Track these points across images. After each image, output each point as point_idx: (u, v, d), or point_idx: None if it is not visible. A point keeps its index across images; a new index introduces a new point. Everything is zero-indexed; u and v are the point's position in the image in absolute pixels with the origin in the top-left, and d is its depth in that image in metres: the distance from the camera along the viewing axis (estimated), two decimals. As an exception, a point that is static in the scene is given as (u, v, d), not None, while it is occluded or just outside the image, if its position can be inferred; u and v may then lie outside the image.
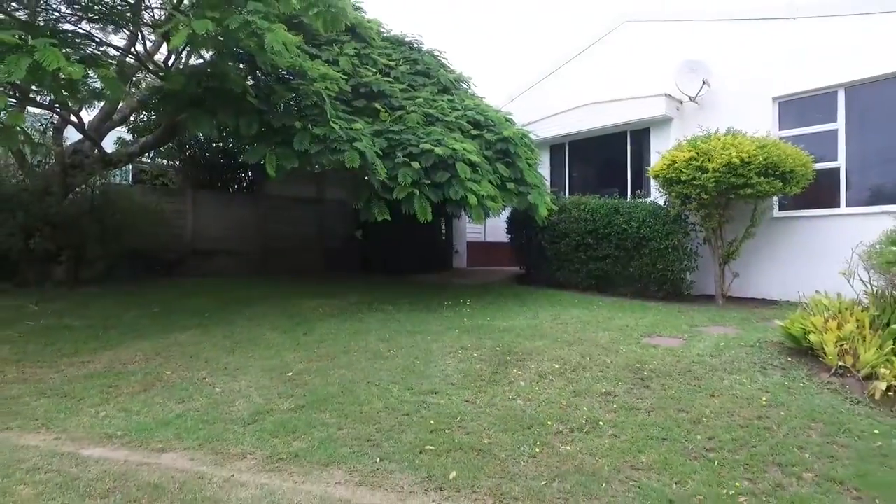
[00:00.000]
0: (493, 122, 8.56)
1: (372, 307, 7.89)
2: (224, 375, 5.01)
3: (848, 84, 8.15)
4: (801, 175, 7.79)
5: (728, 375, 4.74)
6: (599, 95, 10.79)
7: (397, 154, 7.14)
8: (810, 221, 8.45)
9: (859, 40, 8.01)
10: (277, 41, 5.44)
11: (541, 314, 7.32)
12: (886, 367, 4.26)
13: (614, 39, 11.39)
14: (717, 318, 7.20)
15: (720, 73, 9.47)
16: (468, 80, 10.44)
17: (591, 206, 9.37)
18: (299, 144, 6.35)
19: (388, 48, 9.43)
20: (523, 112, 11.95)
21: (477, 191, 7.16)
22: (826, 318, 5.10)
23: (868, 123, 8.09)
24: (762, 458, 3.38)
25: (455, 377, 4.83)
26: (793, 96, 8.76)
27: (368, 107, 7.80)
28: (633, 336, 6.05)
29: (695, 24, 10.04)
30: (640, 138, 10.30)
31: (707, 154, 7.69)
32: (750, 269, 8.82)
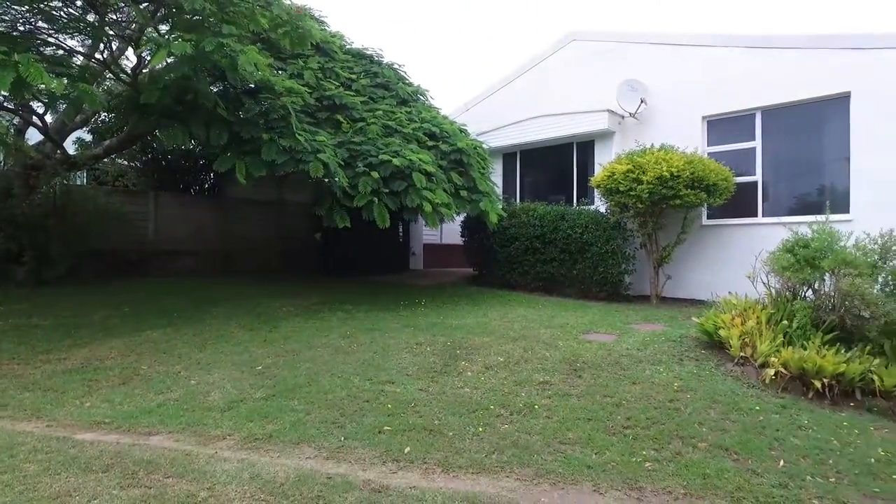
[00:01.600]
0: (447, 133, 9.15)
1: (333, 306, 8.36)
2: (198, 369, 5.43)
3: (764, 108, 9.11)
4: (724, 188, 8.68)
5: (650, 366, 5.43)
6: (549, 107, 11.52)
7: (358, 164, 7.64)
8: (733, 229, 9.36)
9: (772, 70, 8.98)
10: (249, 63, 5.87)
11: (490, 313, 7.95)
12: (775, 357, 5.03)
13: (563, 55, 12.15)
14: (649, 316, 7.97)
15: (657, 91, 10.33)
16: (425, 92, 10.99)
17: (540, 213, 10.08)
18: (267, 155, 6.78)
19: (350, 62, 9.89)
20: (478, 121, 12.62)
21: (432, 199, 7.73)
22: (733, 316, 5.89)
23: (779, 143, 9.07)
24: (668, 433, 4.04)
25: (410, 369, 5.39)
26: (718, 116, 9.69)
27: (331, 118, 8.26)
28: (572, 333, 6.72)
29: (635, 46, 10.87)
30: (586, 150, 11.09)
31: (642, 167, 8.47)
32: (681, 271, 9.67)
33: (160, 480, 3.28)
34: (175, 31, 6.76)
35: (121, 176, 13.18)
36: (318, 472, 3.40)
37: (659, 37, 10.60)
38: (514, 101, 12.70)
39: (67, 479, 3.27)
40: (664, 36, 10.54)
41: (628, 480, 3.38)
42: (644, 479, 3.39)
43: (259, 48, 7.20)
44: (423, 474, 3.45)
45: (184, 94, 6.67)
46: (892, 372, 4.64)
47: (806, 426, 4.16)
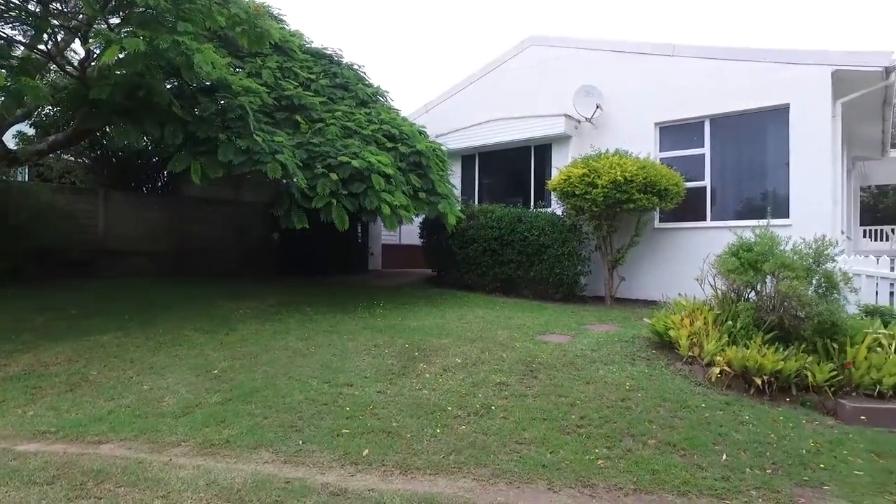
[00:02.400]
0: (407, 135, 9.17)
1: (290, 308, 8.27)
2: (151, 374, 5.30)
3: (712, 116, 9.50)
4: (675, 193, 8.99)
5: (603, 366, 5.60)
6: (508, 110, 11.70)
7: (317, 165, 7.58)
8: (684, 232, 9.71)
9: (720, 80, 9.38)
10: (206, 62, 5.75)
11: (448, 314, 8.02)
12: (720, 356, 5.26)
13: (522, 59, 12.34)
14: (604, 317, 8.18)
15: (612, 97, 10.61)
16: (385, 93, 10.98)
17: (498, 215, 10.22)
18: (223, 156, 6.65)
19: (309, 61, 9.79)
20: (438, 123, 12.69)
21: (391, 201, 7.75)
22: (682, 317, 6.12)
23: (727, 150, 9.47)
24: (620, 431, 4.18)
25: (368, 371, 5.40)
26: (670, 123, 10.04)
27: (290, 119, 8.17)
28: (529, 334, 6.86)
29: (592, 53, 11.14)
30: (543, 153, 11.29)
31: (597, 171, 8.70)
32: (635, 273, 9.97)
33: (111, 490, 3.20)
34: (127, 25, 6.56)
35: (67, 173, 12.67)
36: (276, 477, 3.39)
37: (614, 45, 10.90)
38: (473, 103, 12.82)
39: (7, 493, 3.15)
40: (619, 44, 10.85)
41: (581, 478, 3.49)
42: (597, 477, 3.51)
43: (216, 46, 7.06)
44: (381, 476, 3.48)
45: (136, 90, 6.48)
46: (822, 368, 4.93)
47: (747, 421, 4.38)
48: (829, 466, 3.71)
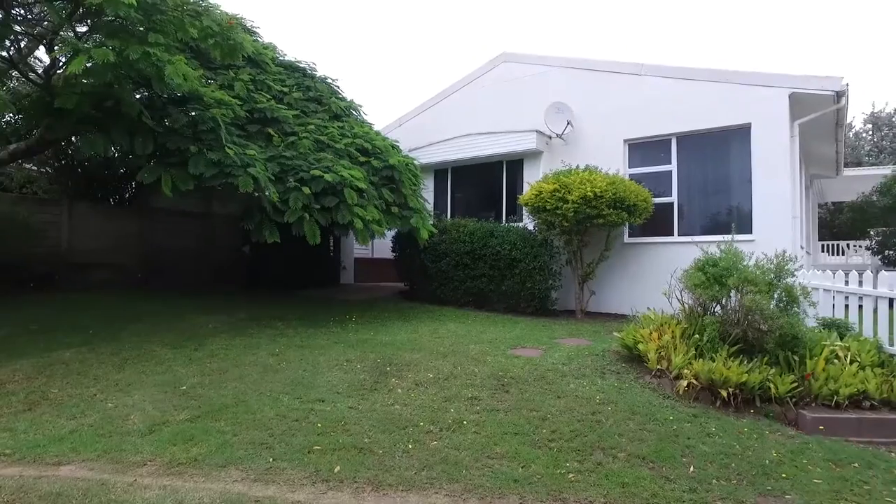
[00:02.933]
0: (380, 150, 9.19)
1: (262, 322, 8.16)
2: (116, 391, 5.16)
3: (679, 134, 9.77)
4: (643, 208, 9.19)
5: (574, 380, 5.66)
6: (481, 126, 11.83)
7: (289, 179, 7.54)
8: (652, 247, 9.91)
9: (686, 99, 9.67)
10: (177, 73, 5.69)
11: (420, 328, 8.01)
12: (688, 369, 5.38)
13: (494, 75, 12.52)
14: (575, 331, 8.28)
15: (582, 114, 10.83)
16: (359, 107, 11.00)
17: (470, 229, 10.28)
18: (194, 168, 6.57)
19: (283, 74, 9.77)
20: (411, 137, 12.75)
21: (363, 215, 7.74)
22: (651, 331, 6.24)
23: (693, 167, 9.74)
24: (591, 444, 4.23)
25: (340, 387, 5.36)
26: (638, 140, 10.28)
27: (262, 132, 8.11)
28: (501, 348, 6.90)
29: (563, 70, 11.37)
30: (515, 168, 11.44)
31: (568, 187, 8.84)
32: (605, 287, 10.12)
33: (72, 513, 3.11)
34: (96, 34, 6.45)
35: (29, 183, 12.32)
36: (246, 496, 3.33)
37: (585, 63, 11.14)
38: (446, 118, 12.93)
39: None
40: (589, 62, 11.09)
41: (553, 492, 3.52)
42: (567, 491, 3.54)
43: (188, 57, 6.99)
44: (353, 494, 3.45)
45: (104, 100, 6.35)
46: (784, 380, 5.08)
47: (713, 433, 4.47)
48: (790, 476, 3.82)
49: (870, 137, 28.35)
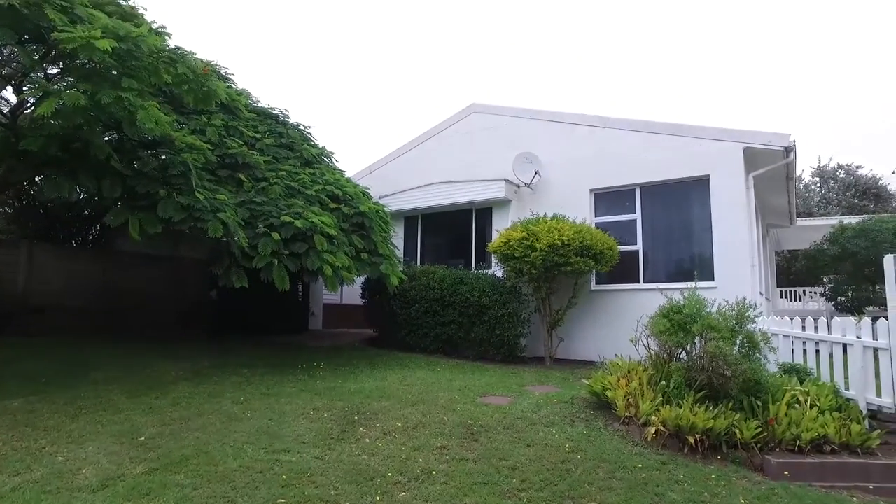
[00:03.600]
0: (350, 196, 9.26)
1: (227, 369, 7.95)
2: (68, 443, 4.91)
3: (642, 184, 10.13)
4: (609, 256, 9.40)
5: (543, 428, 5.64)
6: (451, 174, 12.05)
7: (259, 224, 7.52)
8: (619, 294, 10.09)
9: (649, 151, 10.08)
10: (150, 118, 5.69)
11: (389, 376, 7.91)
12: (655, 416, 5.41)
13: (464, 125, 12.86)
14: (543, 378, 8.28)
15: (550, 164, 11.15)
16: (330, 154, 11.12)
17: (439, 276, 10.33)
18: (163, 211, 6.50)
19: (255, 120, 9.85)
20: (382, 184, 12.90)
21: (333, 262, 7.73)
22: (618, 377, 6.30)
23: (657, 216, 10.07)
24: (561, 494, 4.19)
25: (307, 436, 5.22)
26: (604, 189, 10.61)
27: (233, 177, 8.12)
28: (470, 396, 6.84)
29: (530, 122, 11.76)
30: (484, 216, 11.63)
31: (536, 235, 9.01)
32: (573, 334, 10.20)
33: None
34: (67, 76, 6.43)
35: (-17, 223, 11.96)
36: (204, 553, 3.18)
37: (552, 115, 11.56)
38: (417, 165, 13.15)
39: None
40: (556, 115, 11.51)
41: (523, 543, 3.46)
42: (537, 541, 3.48)
43: (161, 101, 7.01)
44: (317, 549, 3.33)
45: (72, 142, 6.28)
46: (749, 426, 5.16)
47: (682, 480, 4.49)
48: (758, 523, 3.84)
49: (818, 189, 29.79)
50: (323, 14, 49.90)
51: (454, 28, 49.83)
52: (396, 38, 54.42)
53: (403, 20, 51.83)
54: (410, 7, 50.71)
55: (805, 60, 51.16)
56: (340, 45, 54.55)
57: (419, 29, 51.37)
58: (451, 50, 55.81)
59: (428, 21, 50.69)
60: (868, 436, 5.28)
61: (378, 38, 53.54)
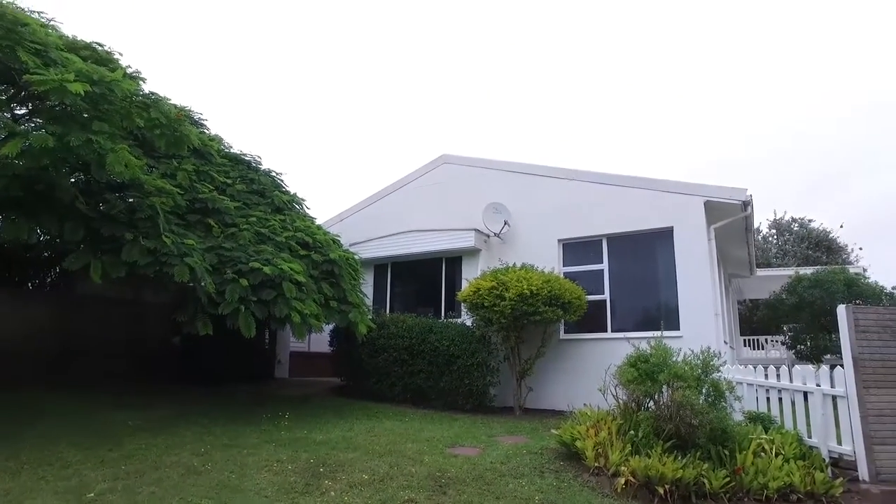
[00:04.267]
0: (321, 243, 9.25)
1: (188, 419, 7.64)
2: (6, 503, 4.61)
3: (609, 235, 10.39)
4: (578, 305, 9.51)
5: (513, 480, 5.54)
6: (421, 223, 12.17)
7: (227, 270, 7.41)
8: (587, 343, 10.17)
9: (615, 203, 10.38)
10: (119, 162, 5.63)
11: (356, 426, 7.73)
12: (625, 466, 5.39)
13: (435, 175, 13.08)
14: (513, 428, 8.19)
15: (519, 214, 11.37)
16: (301, 201, 11.13)
17: (409, 324, 10.27)
18: (128, 255, 6.35)
19: (227, 166, 9.84)
20: (352, 232, 12.92)
21: (301, 309, 7.64)
22: (588, 427, 6.28)
23: (623, 266, 10.29)
24: (531, 548, 4.11)
25: (269, 490, 5.02)
26: (572, 240, 10.84)
27: (202, 222, 8.03)
28: (438, 447, 6.71)
29: (500, 173, 12.04)
30: (454, 265, 11.70)
31: (505, 284, 9.08)
32: (542, 383, 10.18)
33: None
34: (36, 117, 6.36)
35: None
36: None
37: (521, 167, 11.87)
38: (387, 214, 13.25)
39: None
40: (525, 166, 11.83)
41: None
42: None
43: (131, 145, 6.97)
44: None
45: (36, 183, 6.16)
46: (717, 475, 5.17)
47: (652, 533, 4.44)
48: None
49: (775, 241, 30.97)
50: (298, 65, 50.92)
51: (428, 80, 51.39)
52: (369, 89, 55.69)
53: (376, 73, 53.18)
54: (382, 60, 52.17)
55: (762, 118, 54.02)
56: (315, 95, 55.47)
57: (392, 81, 52.78)
58: (425, 102, 57.41)
59: (401, 74, 52.16)
60: (832, 484, 5.34)
61: (352, 90, 54.71)
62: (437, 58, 53.25)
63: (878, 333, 5.89)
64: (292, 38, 48.67)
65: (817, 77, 46.95)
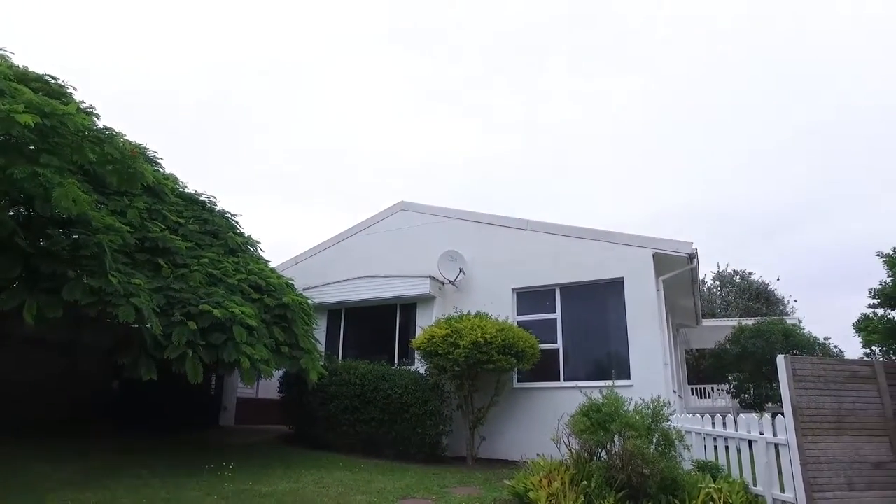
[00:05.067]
0: (274, 287, 9.07)
1: (123, 471, 7.17)
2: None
3: (561, 284, 10.60)
4: (531, 354, 9.58)
5: (466, 532, 5.43)
6: (376, 269, 12.13)
7: (175, 312, 7.15)
8: (540, 392, 10.19)
9: (567, 253, 10.66)
10: (67, 197, 5.43)
11: (304, 477, 7.44)
12: (578, 517, 5.37)
13: (392, 221, 13.14)
14: (466, 478, 8.05)
15: (474, 262, 11.50)
16: (256, 243, 10.95)
17: (361, 371, 10.09)
18: (69, 294, 6.05)
19: (181, 205, 9.62)
20: (307, 276, 12.76)
21: (251, 354, 7.41)
22: (541, 478, 6.24)
23: (576, 315, 10.48)
24: None
25: (210, 547, 4.75)
26: (526, 289, 11.00)
27: (151, 261, 7.77)
28: (389, 499, 6.52)
29: (456, 221, 12.20)
30: (408, 312, 11.66)
31: (459, 332, 9.08)
32: (495, 432, 10.09)
33: None
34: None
35: None
36: None
37: (478, 216, 12.08)
38: (343, 259, 13.17)
39: None
40: (481, 216, 12.05)
41: None
42: None
43: (80, 179, 6.75)
44: None
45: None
46: (670, 527, 5.21)
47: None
48: None
49: (719, 293, 32.25)
50: (257, 109, 50.87)
51: (386, 130, 52.14)
52: (328, 138, 56.01)
53: (334, 122, 53.66)
54: (339, 110, 52.81)
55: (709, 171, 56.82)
56: (274, 138, 55.30)
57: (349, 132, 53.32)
58: (381, 151, 58.02)
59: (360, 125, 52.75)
60: (777, 533, 5.44)
61: (311, 137, 54.87)
62: (398, 109, 54.36)
63: (814, 382, 6.16)
64: (253, 84, 48.75)
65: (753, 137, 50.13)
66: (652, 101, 50.51)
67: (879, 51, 37.13)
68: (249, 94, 48.79)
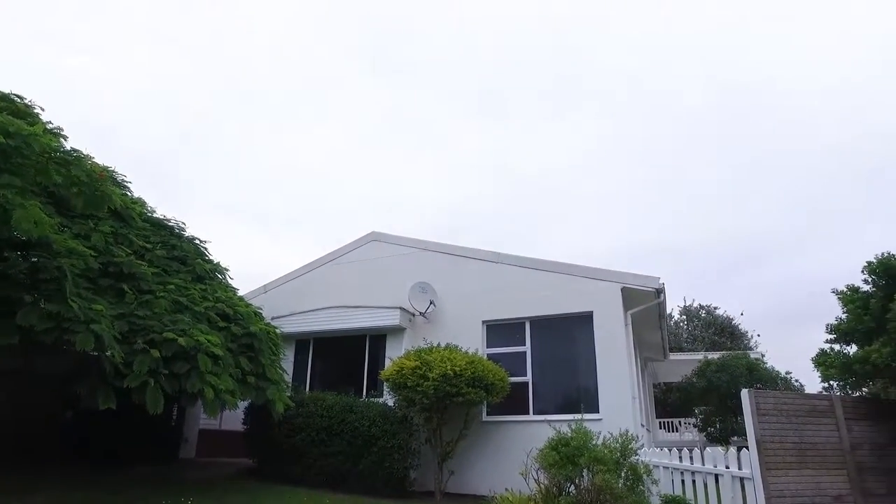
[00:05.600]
0: (241, 316, 8.91)
1: (70, 510, 6.83)
2: None
3: (531, 318, 10.68)
4: (500, 387, 9.55)
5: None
6: (346, 299, 12.03)
7: (137, 340, 6.95)
8: (509, 425, 10.13)
9: (537, 286, 10.77)
10: (28, 219, 5.28)
11: (268, 514, 7.20)
12: (546, 554, 5.31)
13: (363, 252, 13.12)
14: (434, 514, 7.89)
15: (445, 294, 11.50)
16: (225, 271, 10.76)
17: (328, 403, 9.89)
18: (25, 319, 5.82)
19: (148, 230, 9.44)
20: (276, 305, 12.58)
21: (216, 384, 7.22)
22: (510, 513, 6.17)
23: (545, 349, 10.54)
24: None
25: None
26: (496, 321, 11.04)
27: (115, 287, 7.55)
28: (355, 535, 6.35)
29: (427, 253, 12.25)
30: (378, 343, 11.56)
31: (429, 364, 9.03)
32: (464, 466, 9.95)
33: None
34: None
35: None
36: None
37: (449, 248, 12.15)
38: (312, 289, 13.04)
39: None
40: (452, 248, 12.12)
41: None
42: None
43: (44, 202, 6.58)
44: None
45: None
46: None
47: None
48: None
49: (686, 327, 32.83)
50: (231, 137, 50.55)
51: (357, 162, 52.27)
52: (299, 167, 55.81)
53: (308, 151, 53.64)
54: (315, 137, 52.87)
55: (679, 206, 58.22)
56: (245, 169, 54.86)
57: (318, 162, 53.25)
58: (352, 182, 58.05)
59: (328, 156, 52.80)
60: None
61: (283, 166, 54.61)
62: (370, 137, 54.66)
63: (777, 416, 6.30)
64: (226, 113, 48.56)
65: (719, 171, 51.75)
66: (619, 138, 51.87)
67: (838, 86, 38.98)
68: (219, 124, 48.52)
